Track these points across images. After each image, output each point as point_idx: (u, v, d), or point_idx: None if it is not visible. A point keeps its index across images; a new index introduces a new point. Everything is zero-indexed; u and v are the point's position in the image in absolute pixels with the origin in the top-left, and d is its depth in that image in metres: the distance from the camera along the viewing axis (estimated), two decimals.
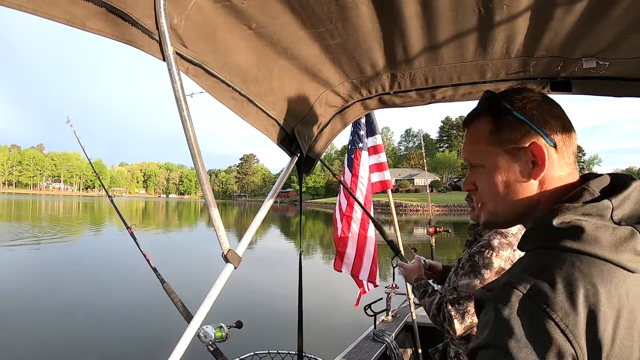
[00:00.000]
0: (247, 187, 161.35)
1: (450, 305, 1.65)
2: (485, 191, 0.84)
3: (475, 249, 1.69)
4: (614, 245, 0.65)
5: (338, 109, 1.69)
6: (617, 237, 0.66)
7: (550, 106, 0.79)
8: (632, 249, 0.65)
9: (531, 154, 0.76)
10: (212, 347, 1.76)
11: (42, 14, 0.77)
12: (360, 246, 3.68)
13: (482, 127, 0.83)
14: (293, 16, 1.09)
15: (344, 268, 3.74)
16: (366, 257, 3.70)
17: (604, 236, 0.66)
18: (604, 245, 0.65)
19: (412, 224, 35.29)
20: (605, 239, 0.66)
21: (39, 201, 74.22)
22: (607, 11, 1.03)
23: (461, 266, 1.72)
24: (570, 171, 0.78)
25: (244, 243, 1.47)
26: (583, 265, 0.65)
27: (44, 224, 27.27)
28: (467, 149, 0.86)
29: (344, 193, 3.81)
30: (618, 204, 0.70)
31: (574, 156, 0.80)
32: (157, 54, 0.97)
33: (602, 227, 0.67)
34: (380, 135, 3.96)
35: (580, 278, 0.63)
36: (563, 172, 0.77)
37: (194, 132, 1.08)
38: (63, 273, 11.70)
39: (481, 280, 1.62)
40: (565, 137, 0.77)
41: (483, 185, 0.84)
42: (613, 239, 0.66)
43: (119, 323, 7.36)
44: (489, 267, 1.62)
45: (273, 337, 6.53)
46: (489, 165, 0.82)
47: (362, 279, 3.73)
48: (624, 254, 0.65)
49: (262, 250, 17.81)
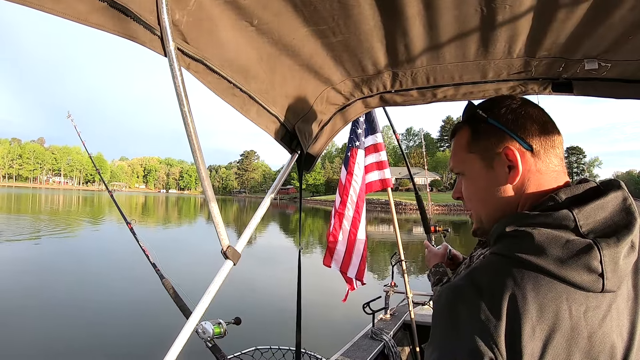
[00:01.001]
0: (247, 184, 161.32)
1: None
2: (469, 198, 0.86)
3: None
4: (560, 259, 0.62)
5: (339, 107, 1.69)
6: (567, 251, 0.63)
7: (529, 110, 0.79)
8: (584, 265, 0.62)
9: (506, 159, 0.76)
10: (210, 343, 1.76)
11: (45, 8, 0.77)
12: (350, 243, 3.71)
13: (463, 137, 0.85)
14: (295, 13, 1.09)
15: (333, 264, 3.77)
16: (355, 254, 3.73)
17: (551, 248, 0.63)
18: (548, 258, 0.63)
19: (411, 223, 35.31)
20: (552, 251, 0.63)
21: (39, 194, 74.26)
22: (609, 13, 1.03)
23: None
24: (555, 176, 0.77)
25: (243, 240, 1.47)
26: (519, 275, 0.63)
27: (44, 217, 27.28)
28: (451, 158, 0.89)
29: (340, 190, 3.84)
30: (586, 214, 0.66)
31: (559, 159, 0.78)
32: (158, 49, 0.97)
33: (553, 239, 0.64)
34: (380, 134, 3.95)
35: (510, 286, 0.62)
36: (546, 177, 0.76)
37: (195, 127, 1.08)
38: (61, 268, 11.71)
39: None
40: (544, 140, 0.77)
41: (466, 192, 0.86)
42: (562, 252, 0.63)
43: (117, 318, 7.37)
44: None
45: (271, 334, 6.53)
46: (469, 172, 0.84)
47: (350, 276, 3.75)
48: (570, 269, 0.62)
49: (261, 247, 17.83)
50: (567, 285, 0.62)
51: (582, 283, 0.62)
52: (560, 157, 0.78)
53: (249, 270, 11.25)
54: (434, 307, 0.73)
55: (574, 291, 0.62)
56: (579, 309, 0.61)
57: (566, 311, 0.61)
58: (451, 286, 0.69)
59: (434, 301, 0.74)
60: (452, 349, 0.63)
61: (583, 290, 0.62)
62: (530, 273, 0.63)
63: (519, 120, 0.78)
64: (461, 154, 0.85)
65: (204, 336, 1.68)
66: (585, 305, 0.62)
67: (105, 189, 3.51)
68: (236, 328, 1.88)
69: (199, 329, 1.66)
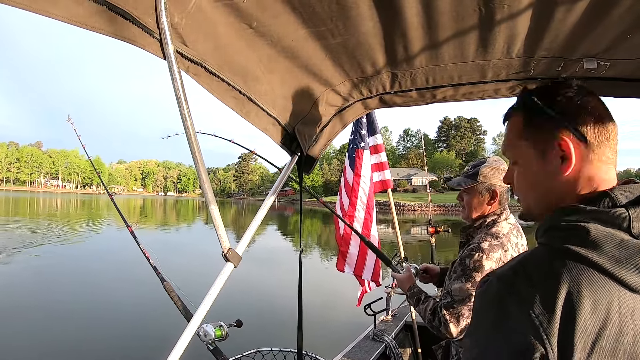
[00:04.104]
0: (246, 186, 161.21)
1: (444, 309, 1.66)
2: (518, 185, 0.84)
3: (466, 252, 1.68)
4: (615, 258, 0.62)
5: (338, 109, 1.69)
6: (622, 250, 0.62)
7: (586, 99, 0.76)
8: (637, 266, 0.61)
9: (559, 149, 0.74)
10: (211, 345, 1.75)
11: (43, 12, 0.77)
12: (363, 245, 3.62)
13: (516, 123, 0.83)
14: (294, 15, 1.09)
15: (346, 268, 3.71)
16: (369, 256, 3.66)
17: (607, 245, 0.62)
18: (604, 255, 0.62)
19: (409, 224, 35.35)
20: (608, 248, 0.62)
21: (37, 198, 74.03)
22: (608, 11, 1.03)
23: (454, 270, 1.72)
24: (607, 170, 0.75)
25: (244, 242, 1.47)
26: (574, 269, 0.62)
27: (43, 221, 27.20)
28: (504, 143, 0.87)
29: (347, 192, 3.78)
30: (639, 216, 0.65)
31: (614, 152, 0.76)
32: (157, 52, 0.97)
33: (609, 236, 0.63)
34: (380, 135, 3.95)
35: (566, 280, 0.61)
36: (597, 170, 0.74)
37: (194, 130, 1.08)
38: (61, 270, 11.69)
39: (473, 284, 1.61)
40: (599, 131, 0.74)
41: (517, 179, 0.85)
42: (617, 251, 0.62)
43: (118, 321, 7.35)
44: (479, 269, 1.62)
45: (273, 336, 6.53)
46: (521, 160, 0.82)
47: (365, 279, 3.70)
48: (625, 269, 0.61)
49: (261, 249, 17.79)
50: (618, 284, 0.61)
51: (634, 284, 0.61)
52: (614, 149, 0.76)
53: (249, 273, 11.23)
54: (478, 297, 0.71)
55: (624, 291, 0.61)
56: (627, 309, 0.61)
57: (616, 311, 0.60)
58: (500, 276, 0.67)
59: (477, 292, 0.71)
60: (499, 343, 0.62)
61: (632, 292, 0.62)
62: (586, 268, 0.62)
63: (575, 109, 0.75)
64: (513, 139, 0.83)
65: (205, 339, 1.67)
66: (633, 306, 0.61)
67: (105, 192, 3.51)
68: (238, 330, 1.87)
69: (201, 332, 1.65)
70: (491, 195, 1.77)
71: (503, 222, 1.76)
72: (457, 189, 1.88)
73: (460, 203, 1.88)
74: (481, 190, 1.78)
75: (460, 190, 1.87)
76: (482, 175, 1.78)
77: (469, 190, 1.82)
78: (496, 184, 1.77)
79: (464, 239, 1.85)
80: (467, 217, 1.86)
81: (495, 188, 1.77)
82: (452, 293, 1.66)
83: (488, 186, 1.77)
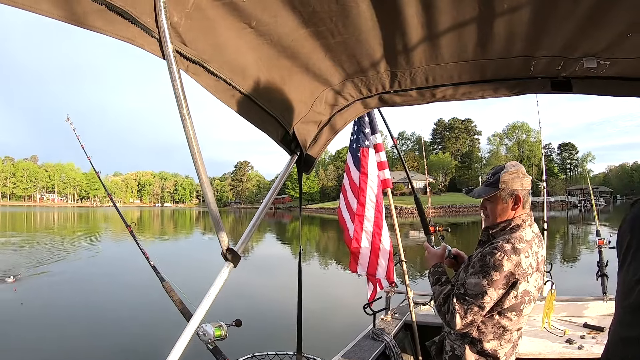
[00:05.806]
0: (242, 194, 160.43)
1: (456, 299, 1.67)
2: None
3: (488, 249, 1.68)
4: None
5: (338, 108, 1.69)
6: None
7: None
8: None
9: None
10: (211, 345, 1.74)
11: (41, 11, 0.76)
12: (375, 244, 3.61)
13: None
14: (293, 14, 1.09)
15: (359, 269, 3.66)
16: (382, 254, 3.61)
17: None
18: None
19: (407, 226, 35.30)
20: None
21: (34, 212, 73.60)
22: (607, 11, 1.04)
23: (472, 264, 1.72)
24: None
25: (243, 241, 1.46)
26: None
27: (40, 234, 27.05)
28: None
29: (354, 192, 3.75)
30: None
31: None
32: (156, 52, 0.97)
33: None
34: (380, 134, 3.94)
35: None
36: None
37: (194, 130, 1.07)
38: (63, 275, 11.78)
39: (489, 282, 1.61)
40: None
41: None
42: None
43: (118, 321, 7.38)
44: (498, 269, 1.61)
45: (272, 337, 6.52)
46: None
47: (379, 277, 3.66)
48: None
49: (259, 257, 17.74)
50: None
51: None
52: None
53: (248, 280, 11.18)
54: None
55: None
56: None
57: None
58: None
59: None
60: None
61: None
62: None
63: None
64: None
65: (205, 338, 1.65)
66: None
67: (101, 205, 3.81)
68: (237, 330, 1.86)
69: (200, 331, 1.63)
70: (514, 200, 1.76)
71: (527, 228, 1.75)
72: (479, 198, 1.87)
73: (483, 212, 1.87)
74: (504, 197, 1.77)
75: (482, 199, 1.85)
76: (503, 182, 1.76)
77: (491, 198, 1.80)
78: (518, 188, 1.75)
79: (484, 237, 1.84)
80: (490, 224, 1.84)
81: (517, 193, 1.75)
82: (467, 286, 1.67)
83: (510, 192, 1.76)
